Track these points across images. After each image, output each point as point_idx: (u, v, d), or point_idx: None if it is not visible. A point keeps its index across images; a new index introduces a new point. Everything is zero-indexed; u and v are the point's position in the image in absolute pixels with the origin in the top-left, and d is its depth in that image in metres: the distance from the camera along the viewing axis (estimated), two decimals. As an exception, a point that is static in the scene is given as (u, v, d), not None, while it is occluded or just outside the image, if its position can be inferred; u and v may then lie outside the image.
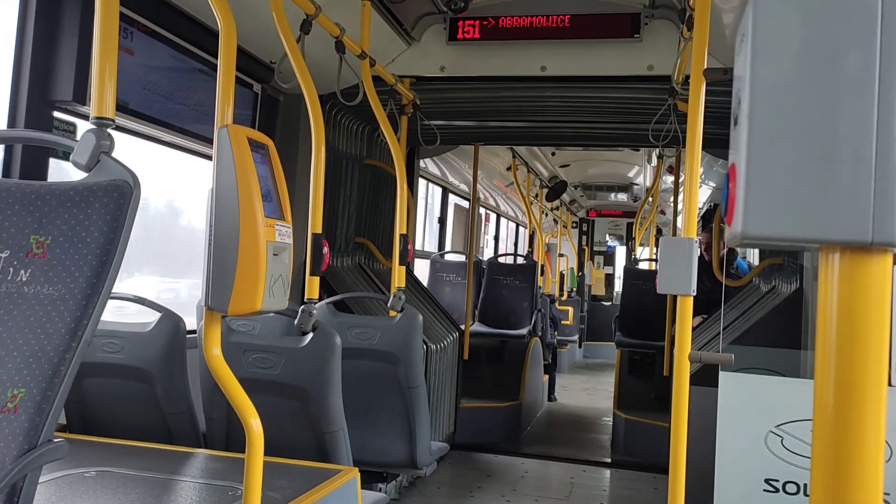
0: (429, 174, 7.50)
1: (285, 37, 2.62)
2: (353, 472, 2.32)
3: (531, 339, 6.62)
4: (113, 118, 1.56)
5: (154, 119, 3.12)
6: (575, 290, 12.27)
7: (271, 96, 4.04)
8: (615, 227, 14.64)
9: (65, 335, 1.25)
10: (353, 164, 4.76)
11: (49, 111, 2.57)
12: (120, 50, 2.07)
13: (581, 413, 7.56)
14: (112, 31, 1.60)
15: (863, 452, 0.70)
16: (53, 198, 1.37)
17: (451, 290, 7.21)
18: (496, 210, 10.84)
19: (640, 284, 6.81)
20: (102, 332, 2.56)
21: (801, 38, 0.71)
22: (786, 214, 0.71)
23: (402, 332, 3.39)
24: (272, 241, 1.80)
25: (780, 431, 2.36)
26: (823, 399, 0.72)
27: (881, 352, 0.71)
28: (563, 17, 3.90)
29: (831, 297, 0.72)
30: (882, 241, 0.68)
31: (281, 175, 1.91)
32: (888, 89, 0.69)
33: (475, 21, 4.02)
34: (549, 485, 4.86)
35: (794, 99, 0.71)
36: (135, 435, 2.57)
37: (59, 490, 1.97)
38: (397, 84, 3.98)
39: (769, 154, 0.72)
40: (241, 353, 2.53)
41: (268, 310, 1.82)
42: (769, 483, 2.36)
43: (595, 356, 12.01)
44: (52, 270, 1.31)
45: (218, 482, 2.13)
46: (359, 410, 3.38)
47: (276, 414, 2.48)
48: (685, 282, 2.22)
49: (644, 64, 3.88)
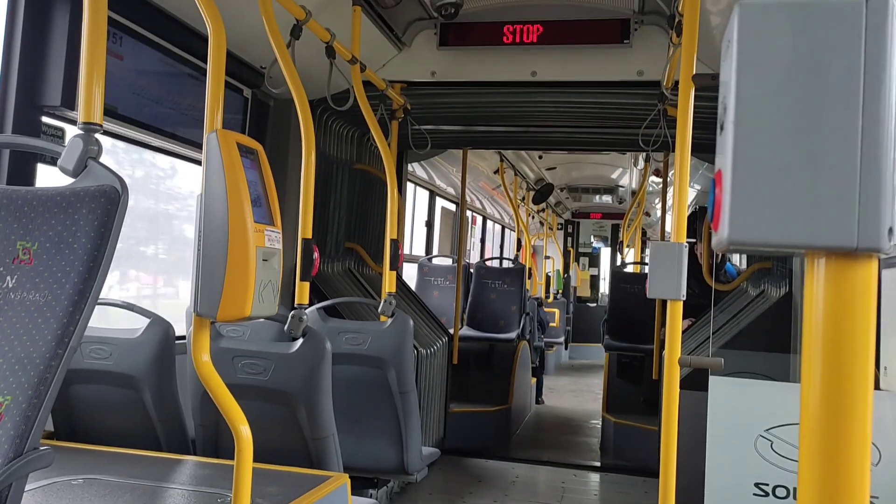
0: (416, 177, 7.50)
1: (275, 42, 2.62)
2: (343, 478, 2.31)
3: (520, 342, 6.62)
4: (101, 123, 1.56)
5: (143, 124, 3.11)
6: (561, 292, 12.31)
7: (261, 101, 4.03)
8: (600, 229, 14.71)
9: (51, 342, 1.24)
10: (344, 168, 4.75)
11: (37, 116, 2.56)
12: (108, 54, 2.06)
13: (569, 416, 7.57)
14: (100, 35, 1.60)
15: (850, 456, 0.70)
16: (40, 203, 1.36)
17: (439, 293, 7.21)
18: (482, 213, 10.86)
19: (628, 287, 6.83)
20: (90, 339, 2.54)
21: (785, 45, 0.72)
22: (771, 220, 0.71)
23: (393, 338, 3.39)
24: (262, 246, 1.79)
25: (770, 435, 2.37)
26: (810, 403, 0.73)
27: (867, 356, 0.71)
28: (553, 23, 3.91)
29: (817, 303, 0.72)
30: (867, 246, 0.69)
31: (271, 180, 1.91)
32: (872, 96, 0.69)
33: (466, 26, 4.03)
34: (540, 490, 4.86)
35: (780, 105, 0.72)
36: (123, 442, 2.55)
37: (46, 498, 1.95)
38: (388, 89, 3.98)
39: (755, 160, 0.72)
40: (230, 359, 2.52)
41: (257, 315, 1.81)
42: (759, 487, 2.37)
43: (581, 357, 12.05)
44: (38, 277, 1.30)
45: (207, 489, 2.12)
46: (349, 416, 3.37)
47: (266, 420, 2.47)
48: (675, 286, 2.23)
49: (634, 69, 3.90)
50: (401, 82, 4.21)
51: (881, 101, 0.69)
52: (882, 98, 0.69)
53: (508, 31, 3.95)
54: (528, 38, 3.94)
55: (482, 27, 4.02)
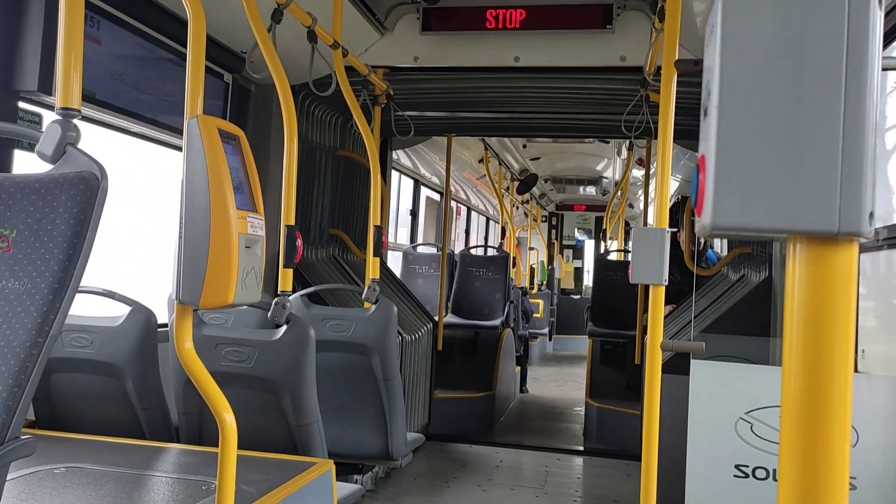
0: (401, 166, 7.48)
1: (256, 26, 2.59)
2: (328, 464, 2.31)
3: (504, 330, 6.65)
4: (79, 108, 1.53)
5: (122, 109, 3.06)
6: (545, 284, 12.36)
7: (242, 86, 3.99)
8: (584, 222, 14.78)
9: (31, 330, 1.23)
10: (327, 155, 4.72)
11: (14, 101, 2.51)
12: (86, 39, 2.03)
13: (553, 404, 7.62)
14: (78, 18, 1.57)
15: (830, 438, 0.71)
16: (18, 190, 1.34)
17: (423, 282, 7.21)
18: (467, 203, 10.86)
19: (611, 275, 6.88)
20: (71, 327, 2.52)
21: (769, 30, 0.72)
22: (754, 205, 0.72)
23: (377, 324, 3.39)
24: (244, 233, 1.78)
25: (750, 418, 2.40)
26: (791, 386, 0.74)
27: (847, 339, 0.72)
28: (536, 8, 3.90)
29: (799, 286, 0.73)
30: (848, 230, 0.70)
31: (253, 166, 1.89)
32: (854, 81, 0.70)
33: (448, 11, 4.01)
34: (523, 474, 4.90)
35: (763, 90, 0.72)
36: (105, 430, 2.53)
37: (29, 487, 1.94)
38: (370, 74, 3.95)
39: (738, 145, 0.73)
40: (213, 347, 2.51)
41: (240, 303, 1.80)
42: (739, 469, 2.40)
43: (565, 349, 12.13)
44: (17, 264, 1.28)
45: (191, 476, 2.11)
46: (334, 403, 3.37)
47: (250, 407, 2.46)
48: (657, 272, 2.25)
49: (616, 55, 3.90)
50: (383, 67, 4.18)
51: (863, 86, 0.70)
52: (864, 83, 0.70)
53: (491, 16, 3.94)
54: (511, 23, 3.93)
55: (465, 12, 4.00)
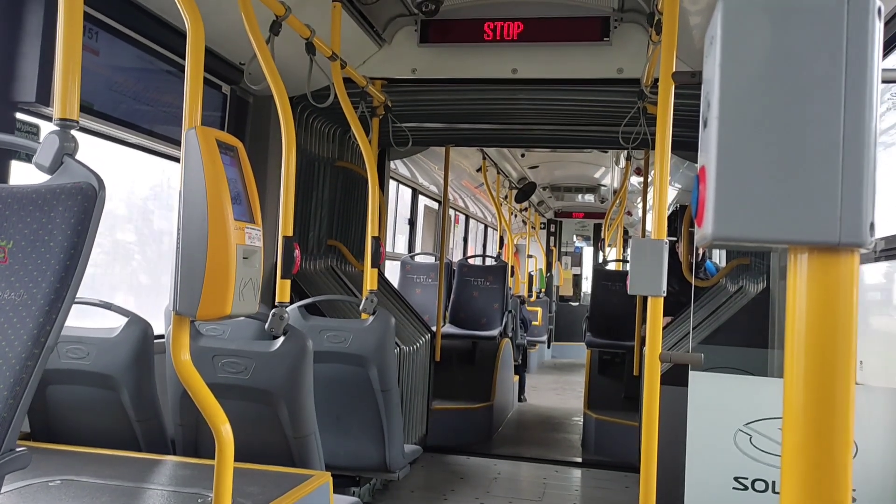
0: (398, 175, 7.49)
1: (255, 38, 2.59)
2: (325, 476, 2.30)
3: (502, 340, 6.64)
4: (77, 119, 1.53)
5: (120, 120, 3.06)
6: (543, 291, 12.36)
7: (241, 98, 4.00)
8: (582, 229, 14.79)
9: (27, 342, 1.22)
10: (325, 166, 4.73)
11: (11, 112, 2.51)
12: (84, 50, 2.03)
13: (551, 413, 7.60)
14: (76, 30, 1.57)
15: (833, 449, 0.71)
16: (15, 201, 1.34)
17: (421, 291, 7.21)
18: (465, 211, 10.87)
19: (609, 285, 6.87)
20: (67, 338, 2.50)
21: (768, 42, 0.72)
22: (755, 216, 0.72)
23: (375, 335, 3.38)
24: (242, 244, 1.78)
25: (749, 430, 2.39)
26: (793, 397, 0.73)
27: (849, 349, 0.72)
28: (533, 21, 3.92)
29: (800, 297, 0.73)
30: (849, 241, 0.70)
31: (251, 177, 1.89)
32: (854, 93, 0.70)
33: (446, 23, 4.03)
34: (522, 486, 4.87)
35: (763, 101, 0.72)
36: (101, 442, 2.51)
37: (23, 500, 1.92)
38: (368, 86, 3.96)
39: (738, 156, 0.73)
40: (210, 358, 2.49)
41: (238, 314, 1.79)
42: (738, 481, 2.39)
43: (563, 356, 12.11)
44: (14, 276, 1.28)
45: (187, 489, 2.10)
46: (331, 414, 3.36)
47: (247, 419, 2.45)
48: (656, 283, 2.24)
49: (613, 67, 3.92)
50: (381, 79, 4.20)
51: (863, 98, 0.70)
52: (863, 95, 0.70)
53: (489, 28, 3.95)
54: (509, 35, 3.94)
55: (463, 24, 4.01)
